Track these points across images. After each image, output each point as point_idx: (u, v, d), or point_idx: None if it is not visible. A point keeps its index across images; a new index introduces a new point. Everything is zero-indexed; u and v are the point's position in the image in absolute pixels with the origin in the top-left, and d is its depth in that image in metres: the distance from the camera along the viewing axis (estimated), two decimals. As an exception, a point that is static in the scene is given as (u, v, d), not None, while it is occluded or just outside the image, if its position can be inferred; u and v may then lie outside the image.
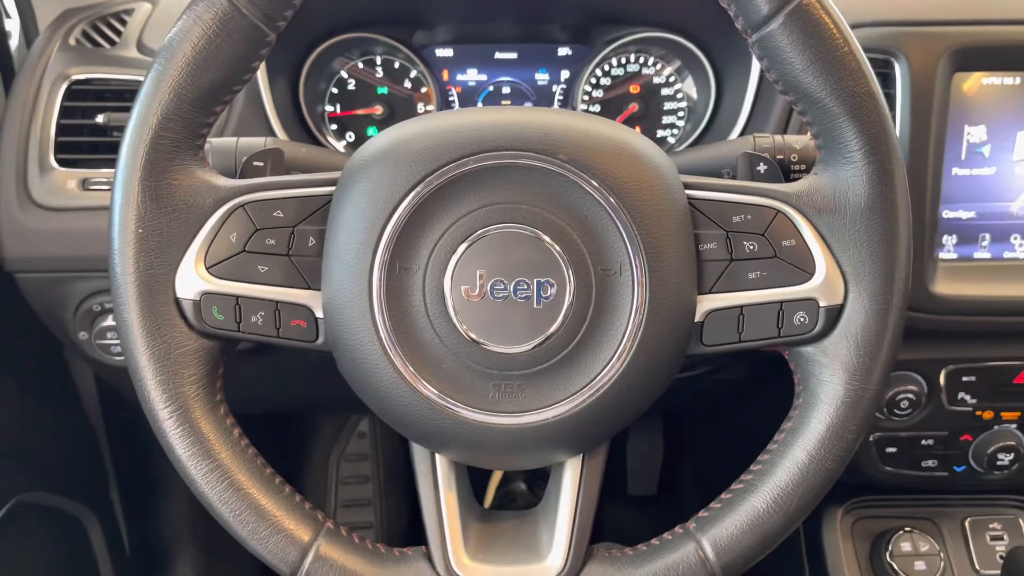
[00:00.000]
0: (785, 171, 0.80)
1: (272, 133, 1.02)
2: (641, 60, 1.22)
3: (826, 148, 0.66)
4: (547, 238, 0.64)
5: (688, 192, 0.68)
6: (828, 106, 0.64)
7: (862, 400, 0.65)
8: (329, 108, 1.20)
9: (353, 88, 1.21)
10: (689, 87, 1.21)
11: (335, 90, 1.20)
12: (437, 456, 0.70)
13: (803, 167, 0.81)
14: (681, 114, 1.23)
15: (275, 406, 1.49)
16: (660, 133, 1.23)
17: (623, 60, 1.22)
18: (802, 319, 0.66)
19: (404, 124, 0.69)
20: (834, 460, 0.65)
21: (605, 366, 0.64)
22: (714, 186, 0.68)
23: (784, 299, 0.66)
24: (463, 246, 0.64)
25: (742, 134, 1.06)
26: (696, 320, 0.67)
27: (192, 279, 0.65)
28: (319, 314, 0.67)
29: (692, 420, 1.90)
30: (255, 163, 0.77)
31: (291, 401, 1.49)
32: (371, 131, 1.22)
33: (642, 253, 0.64)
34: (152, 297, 0.64)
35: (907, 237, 0.65)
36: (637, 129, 1.23)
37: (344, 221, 0.65)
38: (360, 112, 1.20)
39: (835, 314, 0.66)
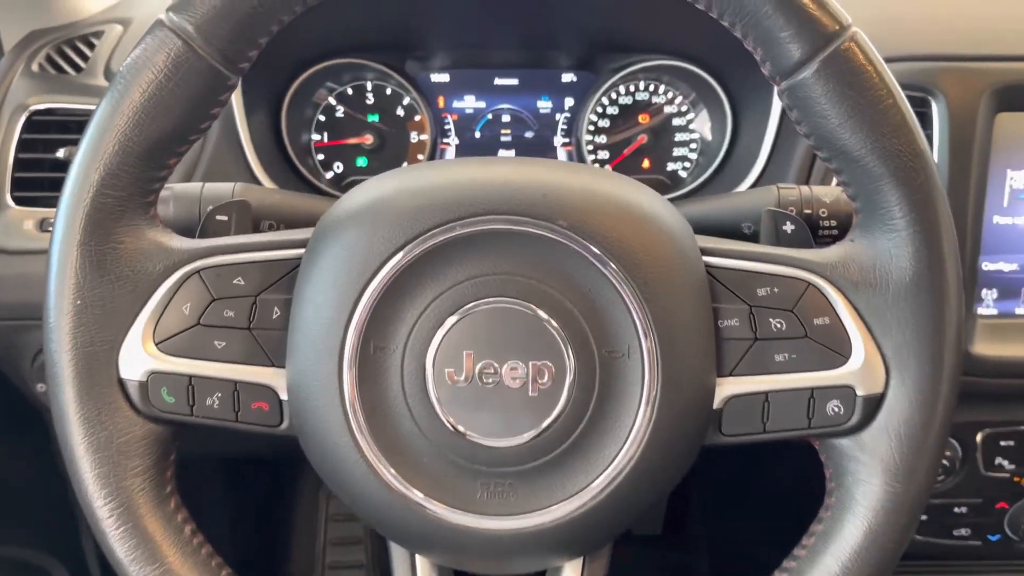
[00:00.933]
0: (813, 227, 0.72)
1: (248, 168, 0.93)
2: (651, 88, 1.13)
3: (865, 212, 0.58)
4: (544, 315, 0.56)
5: (706, 259, 0.59)
6: (868, 166, 0.55)
7: (904, 504, 0.57)
8: (315, 137, 1.12)
9: (341, 116, 1.13)
10: (703, 120, 1.13)
11: (322, 118, 1.12)
12: (417, 558, 0.62)
13: (833, 224, 0.73)
14: (694, 146, 1.14)
15: (258, 449, 1.41)
16: (671, 166, 1.15)
17: (631, 88, 1.13)
18: (836, 409, 0.58)
19: (384, 179, 0.61)
20: (871, 571, 0.57)
21: (610, 463, 0.56)
22: (736, 252, 0.60)
23: (816, 385, 0.58)
24: (448, 323, 0.56)
25: (761, 176, 0.97)
26: (715, 407, 0.58)
27: (138, 357, 0.57)
28: (283, 396, 0.58)
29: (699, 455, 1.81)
30: (218, 217, 0.69)
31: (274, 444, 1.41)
32: (360, 161, 1.14)
33: (653, 332, 0.56)
34: (92, 378, 0.56)
35: (957, 317, 0.57)
36: (646, 162, 1.15)
37: (313, 291, 0.57)
38: (349, 142, 1.12)
39: (874, 404, 0.57)
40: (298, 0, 0.57)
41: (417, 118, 1.13)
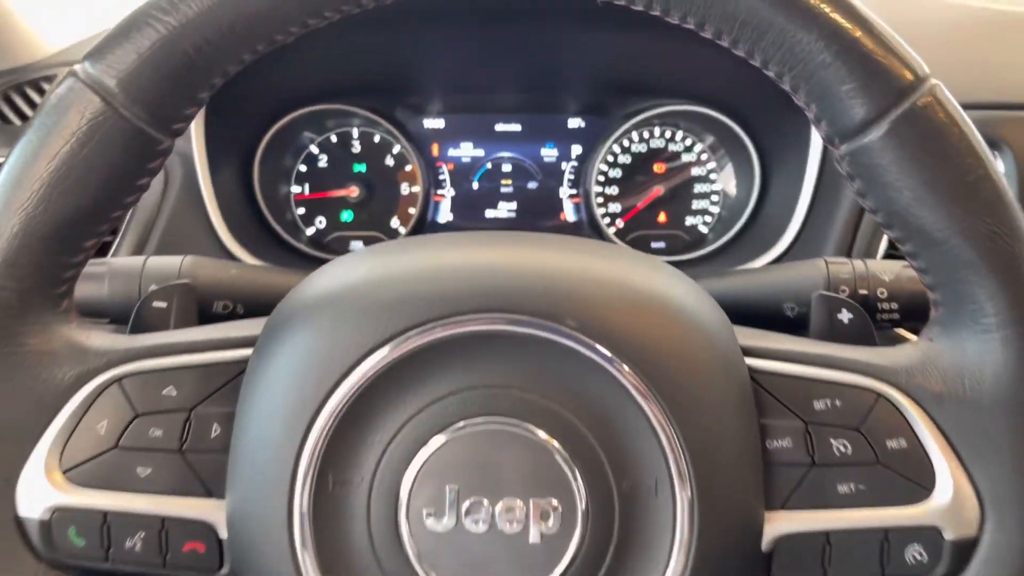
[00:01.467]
0: (869, 311, 0.60)
1: (211, 230, 0.82)
2: (667, 135, 1.03)
3: (948, 305, 0.46)
4: (548, 439, 0.44)
5: (750, 362, 0.48)
6: (954, 250, 0.44)
7: None
8: (296, 189, 1.02)
9: (324, 166, 1.02)
10: (726, 171, 1.02)
11: (303, 168, 1.02)
12: None
13: (894, 307, 0.61)
14: (715, 199, 1.03)
15: None
16: (690, 221, 1.04)
17: (645, 135, 1.03)
18: (918, 556, 0.46)
19: (349, 262, 0.50)
20: None
21: (632, 628, 0.44)
22: (787, 353, 0.48)
23: (891, 525, 0.46)
24: (427, 449, 0.44)
25: (796, 240, 0.85)
26: (763, 549, 0.46)
27: (40, 489, 0.45)
28: (223, 534, 0.47)
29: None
30: (155, 304, 0.58)
31: None
32: (345, 216, 1.03)
33: (686, 460, 0.44)
34: (-20, 516, 0.45)
35: None
36: (662, 216, 1.04)
37: (260, 406, 0.45)
38: (333, 194, 1.02)
39: (967, 551, 0.45)
40: (246, 47, 0.46)
41: (408, 168, 1.03)
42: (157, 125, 0.45)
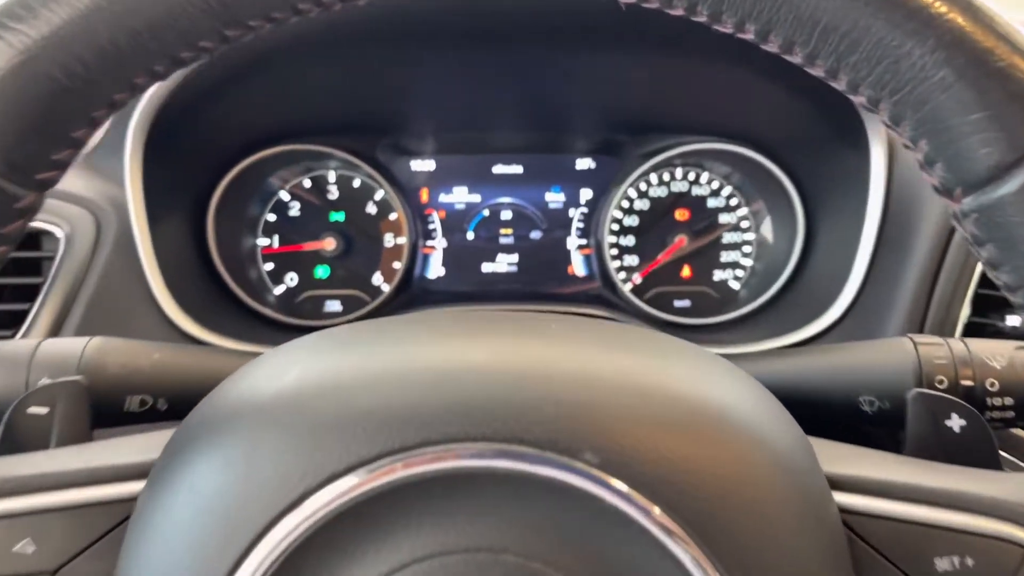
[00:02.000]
0: (976, 407, 0.46)
1: (149, 292, 0.68)
2: (691, 177, 0.89)
3: None
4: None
5: (841, 500, 0.34)
6: None
7: None
8: (263, 241, 0.88)
9: (297, 214, 0.89)
10: (761, 217, 0.88)
11: (272, 217, 0.88)
12: None
13: (1007, 404, 0.47)
14: (748, 249, 0.89)
15: None
16: (719, 275, 0.90)
17: (665, 176, 0.89)
18: None
19: (288, 355, 0.36)
20: None
21: None
22: (891, 488, 0.34)
23: None
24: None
25: (856, 302, 0.70)
26: None
27: None
28: None
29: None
30: (31, 410, 0.43)
31: None
32: (320, 272, 0.89)
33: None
34: None
35: None
36: (686, 270, 0.90)
37: (151, 567, 0.31)
38: (306, 247, 0.88)
39: None
40: (136, 68, 0.33)
41: (392, 216, 0.89)
42: (14, 176, 0.31)
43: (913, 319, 0.62)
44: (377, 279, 0.90)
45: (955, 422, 0.41)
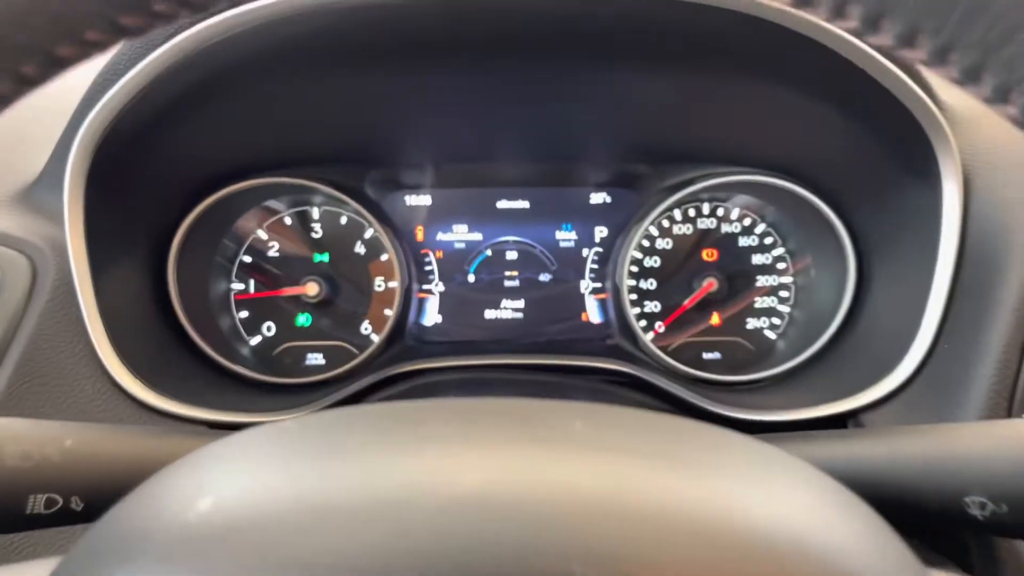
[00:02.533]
0: None
1: (91, 349, 0.58)
2: (720, 212, 0.79)
3: None
4: None
5: None
6: None
7: None
8: (237, 286, 0.78)
9: (276, 255, 0.79)
10: (802, 257, 0.78)
11: (247, 258, 0.78)
12: None
13: None
14: (785, 294, 0.79)
15: None
16: (753, 323, 0.79)
17: (690, 212, 0.79)
18: None
19: (197, 473, 0.26)
20: None
21: None
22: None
23: None
24: None
25: (927, 360, 0.58)
26: None
27: None
28: None
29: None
30: None
31: None
32: (301, 320, 0.79)
33: None
34: None
35: None
36: (715, 318, 0.79)
37: None
38: (285, 292, 0.78)
39: None
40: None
41: (383, 257, 0.79)
42: None
43: (999, 388, 0.52)
44: (365, 328, 0.79)
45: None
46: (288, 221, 0.79)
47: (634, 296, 0.79)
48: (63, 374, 0.57)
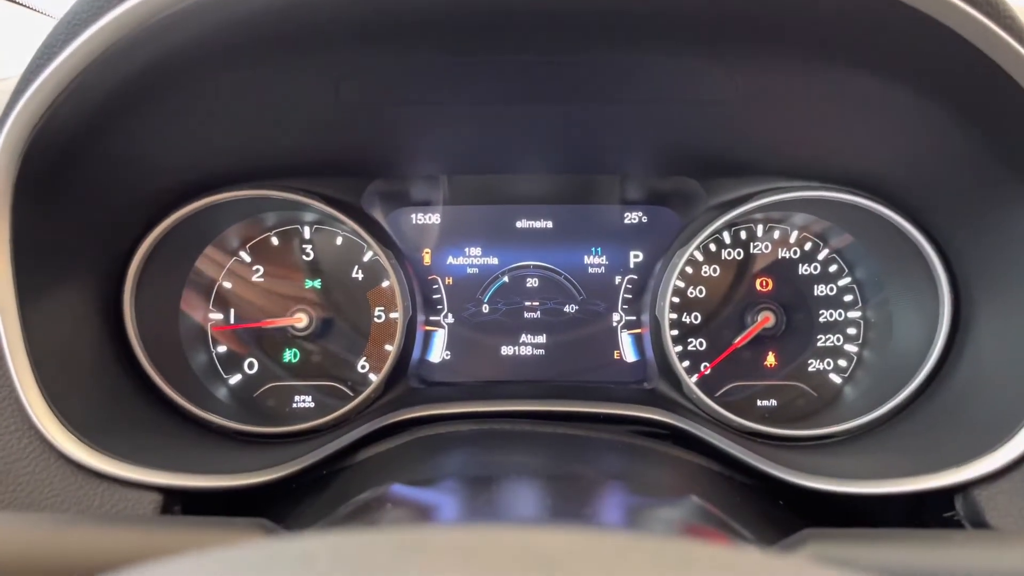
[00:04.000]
0: None
1: (12, 393, 0.47)
2: (776, 235, 0.68)
3: None
4: None
5: None
6: None
7: None
8: (215, 317, 0.68)
9: (261, 279, 0.68)
10: (874, 290, 0.66)
11: (228, 284, 0.68)
12: None
13: None
14: (853, 331, 0.67)
15: None
16: (814, 365, 0.68)
17: (742, 235, 0.68)
18: None
19: None
20: None
21: None
22: None
23: None
24: None
25: None
26: None
27: None
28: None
29: None
30: None
31: None
32: (288, 356, 0.68)
33: None
34: None
35: None
36: (770, 358, 0.68)
37: None
38: (271, 324, 0.67)
39: None
40: None
41: (384, 284, 0.68)
42: None
43: None
44: (363, 366, 0.68)
45: None
46: (275, 241, 0.69)
47: (675, 332, 0.68)
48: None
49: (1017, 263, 0.51)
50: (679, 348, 0.68)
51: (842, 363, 0.68)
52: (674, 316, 0.68)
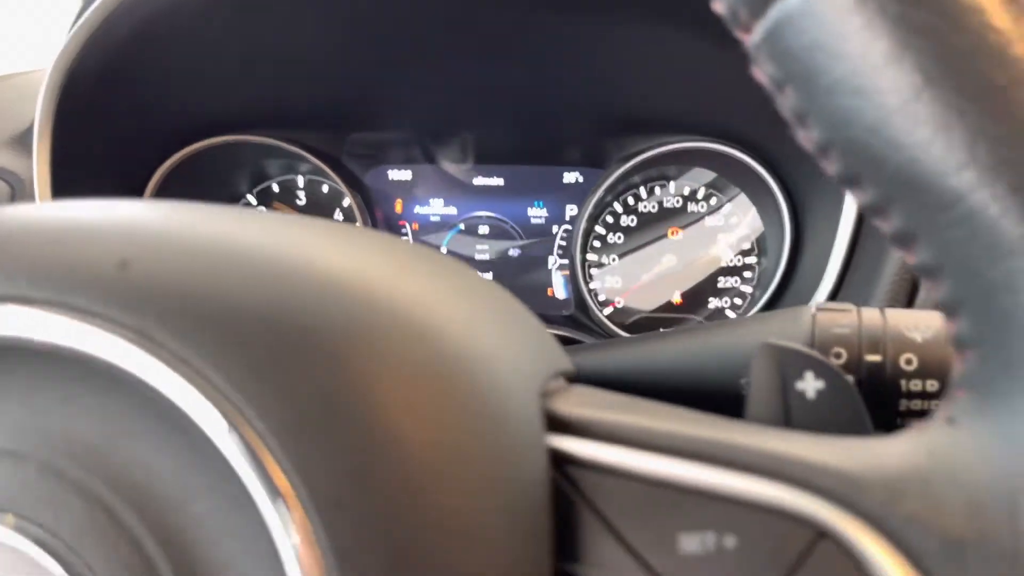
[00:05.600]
0: (888, 393, 0.34)
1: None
2: (685, 191, 0.79)
3: (985, 349, 0.21)
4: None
5: (559, 443, 0.24)
6: (980, 221, 0.19)
7: None
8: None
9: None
10: (774, 235, 0.76)
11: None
12: None
13: (931, 389, 0.34)
14: (748, 275, 0.77)
15: None
16: (714, 303, 0.78)
17: (655, 188, 0.79)
18: None
19: None
20: None
21: None
22: (629, 433, 0.24)
23: None
24: None
25: (832, 298, 0.57)
26: None
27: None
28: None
29: None
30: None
31: None
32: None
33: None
34: None
35: None
36: (676, 295, 0.78)
37: None
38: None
39: None
40: None
41: (357, 224, 0.83)
42: None
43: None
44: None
45: (809, 384, 0.29)
46: (276, 188, 0.85)
47: (596, 270, 0.80)
48: None
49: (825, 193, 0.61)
50: (597, 284, 0.79)
51: (738, 301, 0.77)
52: (594, 257, 0.80)
